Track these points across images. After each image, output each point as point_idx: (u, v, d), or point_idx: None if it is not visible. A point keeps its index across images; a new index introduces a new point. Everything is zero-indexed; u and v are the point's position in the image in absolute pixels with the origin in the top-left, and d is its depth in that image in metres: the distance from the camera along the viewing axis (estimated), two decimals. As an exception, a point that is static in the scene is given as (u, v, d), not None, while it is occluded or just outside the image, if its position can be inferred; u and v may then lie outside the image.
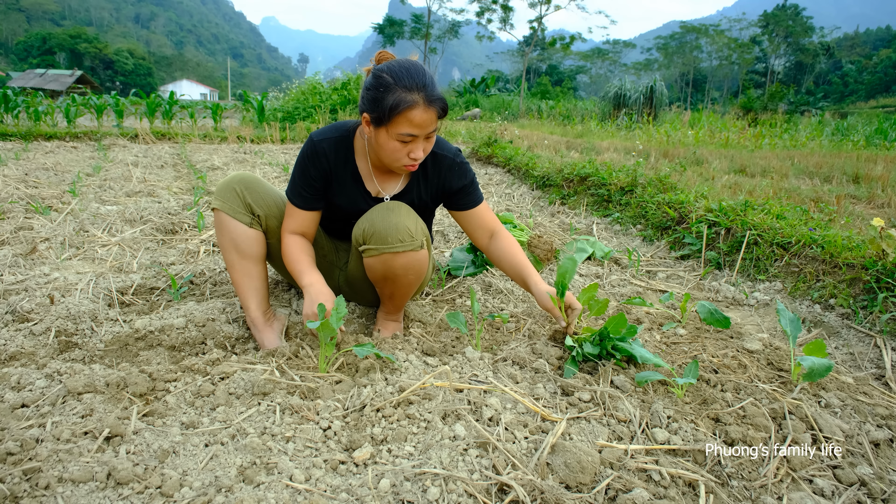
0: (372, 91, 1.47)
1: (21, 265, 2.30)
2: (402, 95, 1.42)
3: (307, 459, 1.12)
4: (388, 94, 1.43)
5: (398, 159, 1.53)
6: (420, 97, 1.43)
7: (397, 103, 1.42)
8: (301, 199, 1.68)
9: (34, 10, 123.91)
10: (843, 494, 1.09)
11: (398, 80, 1.43)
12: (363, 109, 1.52)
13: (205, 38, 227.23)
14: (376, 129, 1.50)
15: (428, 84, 1.45)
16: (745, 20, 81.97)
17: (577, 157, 6.21)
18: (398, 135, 1.46)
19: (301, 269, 1.62)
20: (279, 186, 4.86)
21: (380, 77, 1.46)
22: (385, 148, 1.51)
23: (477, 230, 1.84)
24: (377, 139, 1.52)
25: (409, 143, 1.49)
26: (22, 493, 0.96)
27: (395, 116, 1.43)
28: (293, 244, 1.68)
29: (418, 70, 1.46)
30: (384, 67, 1.48)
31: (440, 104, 1.48)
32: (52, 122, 10.08)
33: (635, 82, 20.55)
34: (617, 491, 1.04)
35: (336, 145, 1.66)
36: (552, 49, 62.84)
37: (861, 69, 78.89)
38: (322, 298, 1.53)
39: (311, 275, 1.61)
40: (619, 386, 1.42)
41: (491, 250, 1.83)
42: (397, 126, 1.45)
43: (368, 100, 1.48)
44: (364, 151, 1.69)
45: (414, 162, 1.54)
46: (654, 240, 3.32)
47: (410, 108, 1.43)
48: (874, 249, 2.19)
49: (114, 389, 1.33)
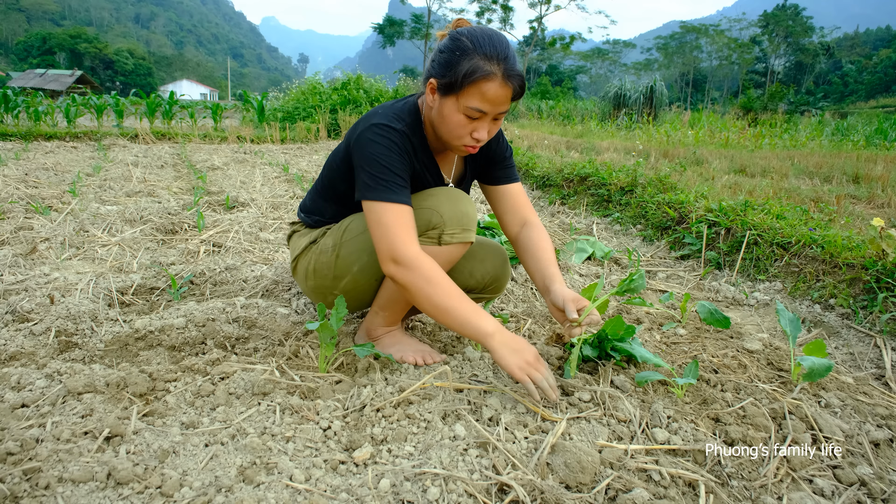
0: (446, 54, 1.30)
1: (21, 265, 2.30)
2: (479, 63, 1.26)
3: (307, 459, 1.12)
4: (464, 58, 1.27)
5: (459, 136, 1.35)
6: (499, 69, 1.27)
7: (473, 70, 1.26)
8: (409, 196, 1.36)
9: (34, 10, 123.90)
10: (843, 494, 1.09)
11: (478, 45, 1.27)
12: (430, 74, 1.34)
13: (205, 38, 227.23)
14: (443, 98, 1.32)
15: (510, 56, 1.29)
16: (745, 20, 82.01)
17: (577, 157, 6.20)
18: (466, 108, 1.29)
19: (476, 309, 1.29)
20: (279, 186, 4.86)
21: (458, 40, 1.29)
22: (448, 121, 1.34)
23: (508, 213, 1.61)
24: (441, 109, 1.34)
25: (476, 120, 1.32)
26: (22, 493, 0.96)
27: (468, 85, 1.27)
28: (441, 270, 1.31)
29: (501, 39, 1.30)
30: (465, 31, 1.32)
31: (518, 81, 1.30)
32: (52, 122, 10.08)
33: (635, 82, 20.55)
34: (617, 491, 1.04)
35: (413, 129, 1.43)
36: (552, 49, 62.85)
37: (861, 69, 78.89)
38: (530, 349, 1.28)
39: (488, 317, 1.29)
40: (619, 386, 1.42)
41: (520, 240, 1.58)
42: (468, 97, 1.28)
43: (440, 63, 1.31)
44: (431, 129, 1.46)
45: (476, 144, 1.37)
46: (654, 240, 3.32)
47: (487, 78, 1.26)
48: (874, 249, 2.19)
49: (114, 389, 1.33)
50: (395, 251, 1.27)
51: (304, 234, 1.68)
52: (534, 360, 1.26)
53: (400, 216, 1.29)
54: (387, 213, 1.29)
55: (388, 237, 1.28)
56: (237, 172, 5.64)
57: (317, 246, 1.60)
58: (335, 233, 1.56)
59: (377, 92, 12.34)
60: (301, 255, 1.65)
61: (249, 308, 1.93)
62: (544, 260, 1.51)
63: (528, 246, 1.55)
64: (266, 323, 1.81)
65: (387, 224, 1.29)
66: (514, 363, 1.24)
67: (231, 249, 2.79)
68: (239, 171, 5.81)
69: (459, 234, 1.46)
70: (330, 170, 1.58)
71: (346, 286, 1.56)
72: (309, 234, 1.66)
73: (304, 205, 1.72)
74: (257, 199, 4.10)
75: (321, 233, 1.62)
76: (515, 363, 1.24)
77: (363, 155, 1.35)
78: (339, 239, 1.54)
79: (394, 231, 1.28)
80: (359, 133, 1.39)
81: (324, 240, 1.59)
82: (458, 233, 1.46)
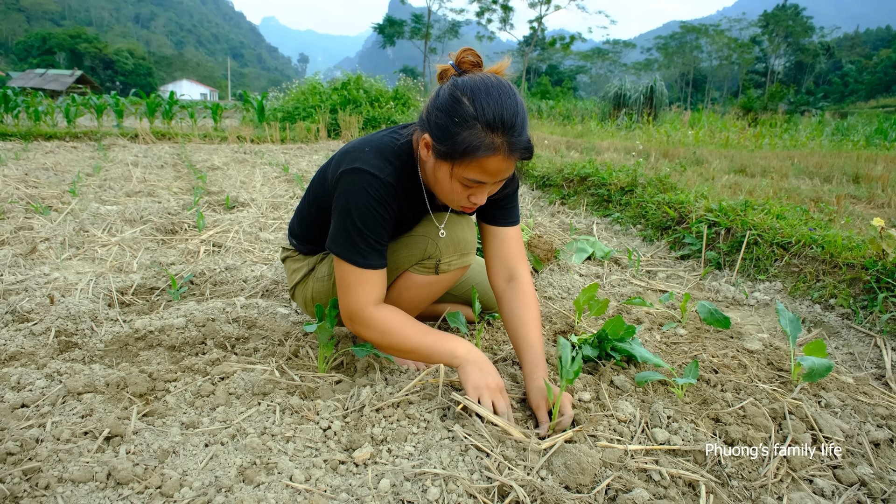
0: (444, 116, 1.15)
1: (21, 265, 2.30)
2: (480, 137, 1.12)
3: (307, 459, 1.12)
4: (463, 129, 1.12)
5: (455, 200, 1.26)
6: (503, 142, 1.12)
7: (473, 147, 1.12)
8: (380, 256, 1.27)
9: (34, 10, 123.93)
10: (843, 494, 1.09)
11: (481, 112, 1.12)
12: (427, 130, 1.20)
13: (205, 38, 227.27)
14: (438, 161, 1.20)
15: (517, 125, 1.13)
16: (745, 20, 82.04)
17: (577, 157, 6.20)
18: (464, 178, 1.18)
19: (439, 339, 1.28)
20: (279, 187, 4.86)
21: (459, 102, 1.14)
22: (443, 185, 1.24)
23: (496, 258, 1.47)
24: (436, 172, 1.23)
25: (473, 188, 1.22)
26: (22, 493, 0.96)
27: (466, 160, 1.14)
28: (395, 315, 1.30)
29: (508, 102, 1.13)
30: (467, 88, 1.15)
31: (524, 153, 1.16)
32: (52, 122, 10.09)
33: (635, 82, 20.54)
34: (617, 491, 1.04)
35: (400, 174, 1.29)
36: (552, 49, 62.87)
37: (861, 69, 78.90)
38: (495, 377, 1.25)
39: (457, 341, 1.28)
40: (619, 386, 1.42)
41: (503, 301, 1.43)
42: (465, 170, 1.17)
43: (437, 125, 1.17)
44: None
45: (473, 206, 1.27)
46: (654, 240, 3.32)
47: (487, 156, 1.13)
48: (874, 249, 2.19)
49: (114, 389, 1.33)
50: (351, 311, 1.29)
51: (299, 260, 1.65)
52: (493, 386, 1.22)
53: (362, 279, 1.26)
54: (350, 274, 1.27)
55: (347, 297, 1.29)
56: (237, 172, 5.64)
57: (313, 273, 1.60)
58: (330, 261, 1.55)
59: (377, 92, 12.34)
60: (299, 284, 1.64)
61: (249, 308, 1.93)
62: (527, 339, 1.36)
63: (510, 317, 1.41)
64: (266, 323, 1.81)
65: (348, 284, 1.28)
66: (472, 382, 1.22)
67: (231, 249, 2.79)
68: (239, 171, 5.80)
69: (457, 260, 1.45)
70: (316, 204, 1.47)
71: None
72: (304, 261, 1.63)
73: (294, 231, 1.64)
74: (257, 199, 4.10)
75: (318, 259, 1.60)
76: (473, 382, 1.22)
77: (341, 203, 1.26)
78: (333, 268, 1.53)
79: (353, 291, 1.27)
80: (341, 173, 1.26)
81: (320, 267, 1.58)
82: (456, 259, 1.45)
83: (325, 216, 1.44)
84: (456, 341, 1.28)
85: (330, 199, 1.34)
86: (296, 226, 1.63)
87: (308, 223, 1.55)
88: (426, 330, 1.30)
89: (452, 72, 1.24)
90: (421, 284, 1.48)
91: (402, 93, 13.02)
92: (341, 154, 1.34)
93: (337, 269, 1.29)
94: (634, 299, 1.90)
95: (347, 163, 1.27)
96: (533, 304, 1.42)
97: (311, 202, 1.51)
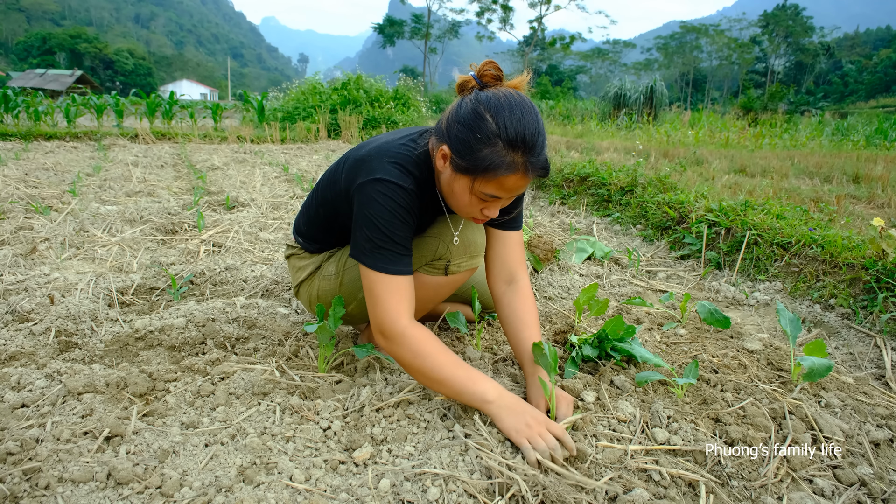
0: (466, 131, 1.16)
1: (21, 265, 2.30)
2: (501, 155, 1.13)
3: (307, 459, 1.12)
4: (484, 146, 1.13)
5: (469, 213, 1.28)
6: (523, 162, 1.14)
7: (494, 165, 1.13)
8: (407, 262, 1.26)
9: (34, 10, 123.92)
10: (843, 494, 1.09)
11: (503, 130, 1.12)
12: (446, 141, 1.21)
13: (205, 38, 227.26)
14: (455, 174, 1.21)
15: (538, 145, 1.15)
16: (745, 20, 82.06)
17: (577, 157, 6.20)
18: (481, 192, 1.20)
19: (471, 377, 1.22)
20: (279, 187, 4.86)
21: (482, 118, 1.14)
22: (459, 198, 1.24)
23: (497, 261, 1.48)
24: (452, 184, 1.24)
25: (488, 202, 1.23)
26: (22, 493, 0.96)
27: (487, 177, 1.16)
28: (429, 337, 1.24)
29: (531, 120, 1.14)
30: (491, 105, 1.15)
31: (542, 172, 1.17)
32: (52, 122, 10.09)
33: (635, 82, 20.53)
34: (617, 491, 1.04)
35: (419, 184, 1.30)
36: (552, 49, 62.88)
37: (861, 69, 78.90)
38: (532, 412, 1.18)
39: (489, 383, 1.22)
40: (619, 386, 1.42)
41: (502, 304, 1.46)
42: (483, 186, 1.18)
43: (458, 139, 1.17)
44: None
45: (485, 218, 1.29)
46: (654, 240, 3.32)
47: (507, 174, 1.15)
48: (874, 249, 2.19)
49: (114, 389, 1.33)
50: (383, 325, 1.23)
51: (305, 258, 1.63)
52: (534, 423, 1.15)
53: (393, 287, 1.22)
54: (379, 283, 1.22)
55: (378, 309, 1.23)
56: (237, 172, 5.64)
57: (320, 272, 1.59)
58: (338, 260, 1.55)
59: (377, 92, 12.34)
60: (304, 282, 1.63)
61: (249, 308, 1.93)
62: (528, 340, 1.38)
63: (510, 318, 1.43)
64: (266, 323, 1.81)
65: (377, 294, 1.23)
66: (512, 426, 1.15)
67: (231, 249, 2.79)
68: (239, 171, 5.81)
69: (467, 262, 1.46)
70: (325, 206, 1.47)
71: (352, 311, 1.56)
72: (310, 259, 1.62)
73: (300, 229, 1.64)
74: (257, 199, 4.10)
75: (325, 258, 1.59)
76: (513, 426, 1.15)
77: (363, 213, 1.23)
78: (341, 267, 1.53)
79: (384, 303, 1.22)
80: (362, 184, 1.25)
81: (327, 265, 1.57)
82: (466, 261, 1.45)
83: (333, 219, 1.46)
84: (488, 383, 1.21)
85: (342, 203, 1.35)
86: (302, 224, 1.63)
87: (316, 224, 1.55)
88: (459, 363, 1.23)
89: (473, 83, 1.23)
90: (430, 285, 1.48)
91: (402, 93, 13.02)
92: (357, 162, 1.31)
93: (365, 281, 1.25)
94: (634, 299, 1.90)
95: (367, 174, 1.25)
96: (532, 306, 1.44)
97: (319, 203, 1.50)
